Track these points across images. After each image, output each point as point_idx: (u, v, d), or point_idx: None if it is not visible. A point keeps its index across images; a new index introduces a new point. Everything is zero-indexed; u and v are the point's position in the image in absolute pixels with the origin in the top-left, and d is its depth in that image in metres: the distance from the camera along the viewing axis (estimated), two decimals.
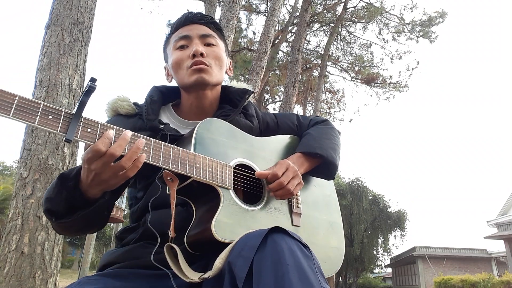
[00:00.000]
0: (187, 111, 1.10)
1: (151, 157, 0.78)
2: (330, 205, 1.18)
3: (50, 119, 0.67)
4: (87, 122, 0.72)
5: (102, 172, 0.75)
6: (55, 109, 0.68)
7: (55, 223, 0.84)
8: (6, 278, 2.62)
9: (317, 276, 0.64)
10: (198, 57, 1.02)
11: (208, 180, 0.84)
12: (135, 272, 0.84)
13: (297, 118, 1.26)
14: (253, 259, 0.64)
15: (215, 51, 1.08)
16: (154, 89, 1.12)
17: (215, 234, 0.78)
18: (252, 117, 1.16)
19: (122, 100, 1.07)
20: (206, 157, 0.86)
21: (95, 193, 0.81)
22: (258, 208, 0.93)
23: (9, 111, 0.63)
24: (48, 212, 0.83)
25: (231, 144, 0.96)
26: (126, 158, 0.74)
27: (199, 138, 0.89)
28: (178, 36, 1.07)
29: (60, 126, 0.68)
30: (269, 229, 0.68)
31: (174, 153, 0.81)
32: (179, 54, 1.05)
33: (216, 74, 1.07)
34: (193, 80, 1.03)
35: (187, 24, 1.09)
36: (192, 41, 1.06)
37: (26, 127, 3.12)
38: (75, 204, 0.81)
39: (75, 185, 0.80)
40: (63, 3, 3.43)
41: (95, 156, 0.72)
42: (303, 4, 10.69)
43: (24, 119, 0.64)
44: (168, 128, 1.00)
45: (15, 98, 0.64)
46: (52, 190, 0.83)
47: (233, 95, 1.13)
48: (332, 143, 1.14)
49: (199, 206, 0.88)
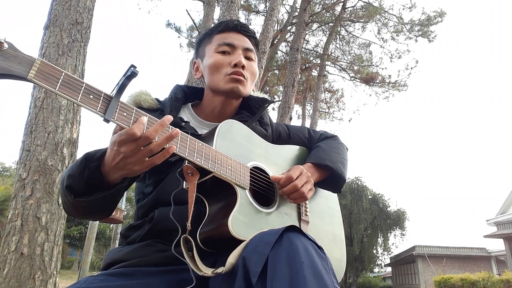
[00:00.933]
0: (208, 113, 1.14)
1: (178, 148, 0.79)
2: (334, 217, 1.21)
3: (91, 98, 0.70)
4: (124, 106, 0.75)
5: (130, 156, 0.76)
6: (96, 89, 0.71)
7: (73, 200, 0.83)
8: (6, 279, 2.62)
9: (330, 276, 0.65)
10: (240, 68, 1.08)
11: (228, 177, 0.86)
12: (142, 270, 0.84)
13: (308, 131, 1.31)
14: (269, 255, 0.65)
15: (253, 67, 1.14)
16: (178, 87, 1.16)
17: (232, 230, 0.79)
18: (267, 125, 1.21)
19: (145, 94, 1.10)
20: (226, 155, 0.89)
21: (115, 178, 0.82)
22: (271, 211, 0.95)
23: (56, 84, 0.66)
24: (68, 189, 0.83)
25: (248, 147, 0.99)
26: (157, 143, 0.75)
27: (221, 137, 0.92)
28: (224, 41, 1.11)
29: (99, 106, 0.71)
30: (285, 227, 0.69)
31: (199, 147, 0.84)
32: (220, 58, 1.09)
33: (249, 88, 1.13)
34: (229, 88, 1.07)
35: (233, 31, 1.14)
36: (236, 50, 1.11)
37: (25, 128, 3.12)
38: (94, 185, 0.82)
39: (97, 166, 0.81)
40: (62, 4, 3.43)
41: (128, 139, 0.74)
42: (302, 3, 10.69)
43: (68, 95, 0.67)
44: (189, 126, 1.03)
45: (62, 73, 0.67)
46: (76, 167, 0.83)
47: (252, 102, 1.17)
48: (341, 157, 1.18)
49: (212, 203, 0.89)
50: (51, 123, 3.07)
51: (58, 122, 3.10)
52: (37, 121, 3.05)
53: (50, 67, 0.66)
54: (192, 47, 13.40)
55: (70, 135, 3.17)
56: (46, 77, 0.65)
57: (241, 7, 11.13)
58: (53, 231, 2.88)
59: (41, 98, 3.11)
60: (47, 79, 0.65)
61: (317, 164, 1.11)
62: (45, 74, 0.66)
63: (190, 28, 13.57)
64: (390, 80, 14.63)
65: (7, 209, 4.08)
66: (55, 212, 2.92)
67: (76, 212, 0.91)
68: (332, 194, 1.25)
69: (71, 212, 0.92)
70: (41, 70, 0.65)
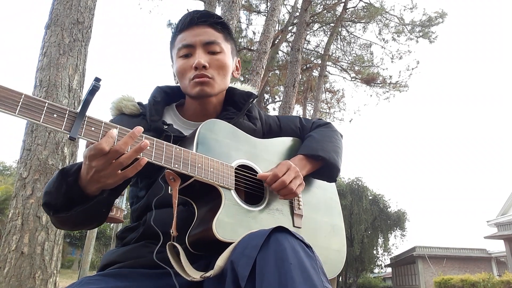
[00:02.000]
0: (191, 113, 1.11)
1: (153, 157, 0.78)
2: (331, 207, 1.18)
3: (55, 117, 0.68)
4: (91, 121, 0.73)
5: (102, 170, 0.75)
6: (60, 107, 0.70)
7: (53, 217, 0.85)
8: (6, 278, 2.62)
9: (319, 275, 0.64)
10: (201, 70, 1.01)
11: (210, 180, 0.85)
12: (136, 271, 0.85)
13: (299, 120, 1.27)
14: (256, 258, 0.65)
15: (219, 60, 1.05)
16: (157, 90, 1.12)
17: (216, 233, 0.78)
18: (255, 119, 1.16)
19: (127, 100, 1.07)
20: (208, 157, 0.87)
21: (93, 190, 0.81)
22: (260, 208, 0.93)
23: (15, 109, 0.64)
24: (46, 206, 0.84)
25: (233, 145, 0.97)
26: (127, 156, 0.74)
27: (202, 139, 0.90)
28: (182, 44, 1.05)
29: (65, 124, 0.69)
30: (272, 228, 0.69)
31: (176, 152, 0.82)
32: (182, 63, 1.04)
33: (219, 84, 1.06)
34: (194, 92, 1.03)
35: (191, 26, 1.05)
36: (196, 50, 1.03)
37: (26, 127, 3.12)
38: (74, 199, 0.82)
39: (74, 180, 0.81)
40: (63, 3, 3.42)
41: (97, 154, 0.73)
42: (303, 4, 10.68)
43: (29, 117, 0.66)
44: (172, 129, 1.00)
45: (21, 96, 0.65)
46: (52, 184, 0.83)
47: (237, 98, 1.13)
48: (334, 146, 1.14)
49: (200, 206, 0.88)
50: None
51: None
52: None
53: (7, 90, 0.64)
54: None
55: None
56: (3, 102, 0.63)
57: (242, 7, 11.12)
58: (53, 231, 2.88)
59: (41, 97, 3.11)
60: (5, 103, 0.63)
61: (309, 155, 1.08)
62: (2, 99, 0.63)
63: None
64: (391, 81, 14.62)
65: (7, 208, 4.08)
66: None
67: (62, 226, 0.92)
68: (329, 184, 1.21)
69: (58, 227, 0.93)
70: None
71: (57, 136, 3.06)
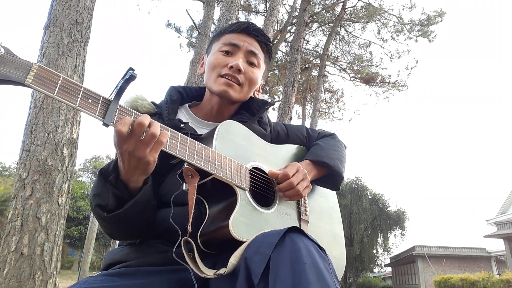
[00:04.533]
0: (207, 112, 1.12)
1: (178, 150, 0.79)
2: (333, 216, 1.21)
3: (89, 103, 0.70)
4: (122, 110, 0.74)
5: (135, 149, 0.76)
6: (94, 93, 0.71)
7: (107, 217, 0.83)
8: (6, 279, 2.62)
9: (332, 277, 0.65)
10: (236, 72, 1.04)
11: (228, 178, 0.86)
12: (143, 269, 0.84)
13: (306, 130, 1.31)
14: (271, 256, 0.65)
15: (254, 73, 1.09)
16: (172, 89, 1.14)
17: (233, 231, 0.79)
18: (266, 125, 1.19)
19: (141, 99, 1.08)
20: (226, 157, 0.88)
21: (138, 181, 0.82)
22: (270, 211, 0.95)
23: (54, 89, 0.66)
24: (99, 207, 0.83)
25: (248, 148, 0.99)
26: (151, 132, 0.75)
27: (220, 138, 0.91)
28: (229, 41, 1.09)
29: (98, 110, 0.70)
30: (287, 228, 0.70)
31: (198, 149, 0.84)
32: (219, 57, 1.07)
33: (243, 94, 1.09)
34: (218, 90, 1.05)
35: (244, 33, 1.10)
36: (238, 52, 1.07)
37: (26, 128, 3.12)
38: (123, 197, 0.83)
39: (116, 177, 0.82)
40: (62, 4, 3.42)
41: (123, 132, 0.73)
42: (301, 4, 10.68)
43: (66, 99, 0.67)
44: (188, 127, 1.02)
45: (60, 78, 0.67)
46: (97, 186, 0.84)
47: (253, 104, 1.15)
48: (339, 155, 1.18)
49: (212, 205, 0.89)
50: (51, 123, 3.07)
51: (58, 122, 3.10)
52: (37, 121, 3.05)
53: (48, 71, 0.66)
54: (192, 47, 13.40)
55: (70, 135, 3.17)
56: (44, 82, 0.65)
57: (241, 7, 11.12)
58: (53, 231, 2.88)
59: (41, 98, 3.11)
60: (45, 84, 0.65)
61: (315, 161, 1.11)
62: (43, 79, 0.65)
63: (190, 28, 13.58)
64: (390, 80, 14.64)
65: (7, 209, 4.08)
66: (55, 212, 2.92)
67: (116, 229, 0.90)
68: (330, 193, 1.25)
69: (112, 232, 0.91)
70: (38, 75, 0.65)
71: (56, 137, 3.06)
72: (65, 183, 3.05)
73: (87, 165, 33.60)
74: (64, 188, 3.04)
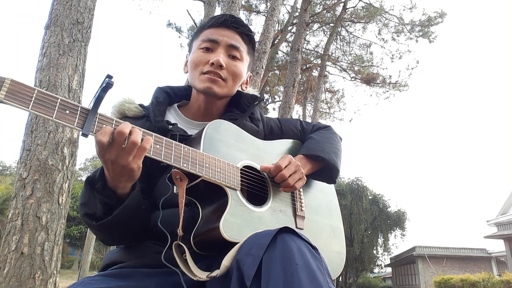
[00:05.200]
0: (195, 112, 1.11)
1: (163, 155, 0.79)
2: (332, 210, 1.19)
3: (67, 114, 0.68)
4: (103, 118, 0.74)
5: (117, 158, 0.75)
6: (72, 104, 0.70)
7: (97, 225, 0.84)
8: (6, 279, 2.62)
9: (325, 276, 0.64)
10: (217, 68, 1.02)
11: (217, 180, 0.85)
12: (139, 271, 0.84)
13: (300, 123, 1.28)
14: (262, 257, 0.65)
15: (236, 66, 1.06)
16: (158, 91, 1.12)
17: (223, 233, 0.78)
18: (258, 121, 1.17)
19: (129, 103, 1.07)
20: (214, 158, 0.87)
21: (124, 186, 0.82)
22: (264, 209, 0.94)
23: (28, 104, 0.64)
24: (87, 216, 0.84)
25: (238, 146, 0.98)
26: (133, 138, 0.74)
27: (208, 139, 0.90)
28: (207, 37, 1.06)
29: (77, 121, 0.69)
30: (279, 229, 0.69)
31: (185, 152, 0.82)
32: (200, 55, 1.05)
33: (228, 89, 1.06)
34: (202, 87, 1.03)
35: (222, 26, 1.07)
36: (218, 48, 1.04)
37: (26, 128, 3.12)
38: (111, 204, 0.83)
39: (103, 185, 0.82)
40: (63, 4, 3.43)
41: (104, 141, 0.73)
42: (302, 4, 10.68)
43: (42, 113, 0.65)
44: (177, 129, 1.00)
45: (34, 91, 0.65)
46: (85, 195, 0.84)
47: (242, 100, 1.13)
48: (334, 148, 1.16)
49: (205, 206, 0.88)
50: (51, 123, 3.07)
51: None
52: (37, 120, 3.05)
53: (21, 85, 0.64)
54: None
55: (70, 134, 3.18)
56: (17, 97, 0.63)
57: (242, 7, 11.12)
58: (53, 231, 2.88)
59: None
60: (18, 98, 0.63)
61: (309, 155, 1.09)
62: (16, 93, 0.63)
63: (190, 28, 13.57)
64: (390, 81, 14.63)
65: (7, 208, 4.08)
66: (55, 211, 2.92)
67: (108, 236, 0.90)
68: (328, 186, 1.23)
69: (105, 240, 0.91)
70: (11, 90, 0.62)
71: (57, 137, 3.06)
72: (65, 183, 3.06)
73: (88, 165, 33.62)
74: (65, 187, 3.05)
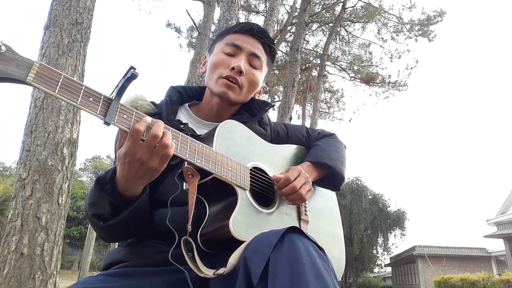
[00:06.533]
0: (207, 113, 1.12)
1: (178, 150, 0.80)
2: (333, 216, 1.21)
3: (90, 101, 0.69)
4: (123, 109, 0.74)
5: (149, 159, 0.76)
6: (95, 92, 0.71)
7: (104, 226, 0.84)
8: (6, 279, 2.62)
9: (331, 277, 0.65)
10: (237, 73, 1.04)
11: (228, 178, 0.86)
12: (141, 270, 0.84)
13: (306, 130, 1.30)
14: (270, 256, 0.65)
15: (255, 75, 1.09)
16: (172, 90, 1.14)
17: (233, 231, 0.79)
18: (266, 125, 1.19)
19: (141, 99, 1.07)
20: (226, 156, 0.88)
21: (136, 190, 0.83)
22: (271, 211, 0.95)
23: (55, 88, 0.65)
24: (95, 217, 0.84)
25: (248, 147, 0.99)
26: (167, 136, 0.75)
27: (221, 138, 0.91)
28: (232, 42, 1.08)
29: (99, 109, 0.70)
30: (286, 228, 0.69)
31: (199, 148, 0.84)
32: (222, 58, 1.07)
33: (243, 96, 1.09)
34: (218, 91, 1.05)
35: (247, 34, 1.10)
36: (241, 54, 1.07)
37: (26, 128, 3.12)
38: (118, 206, 0.83)
39: (112, 187, 0.82)
40: (62, 4, 3.43)
41: (135, 139, 0.73)
42: (301, 4, 10.69)
43: (67, 98, 0.67)
44: (188, 128, 1.02)
45: (61, 76, 0.67)
46: (93, 195, 0.84)
47: (254, 105, 1.15)
48: (339, 156, 1.18)
49: (212, 204, 0.89)
50: (51, 123, 3.07)
51: (58, 122, 3.11)
52: (37, 121, 3.05)
53: (49, 69, 0.65)
54: (192, 47, 13.41)
55: (70, 135, 3.18)
56: (45, 80, 0.65)
57: (241, 7, 11.11)
58: (53, 231, 2.88)
59: (41, 98, 3.11)
60: (46, 82, 0.65)
61: (316, 163, 1.11)
62: (44, 77, 0.65)
63: (190, 28, 13.60)
64: (390, 80, 14.64)
65: (7, 209, 4.08)
66: (55, 212, 2.92)
67: (112, 235, 0.91)
68: (330, 193, 1.25)
69: (108, 238, 0.92)
70: (40, 73, 0.64)
71: (56, 137, 3.06)
72: (65, 183, 3.06)
73: (88, 165, 33.63)
74: (64, 188, 3.05)
